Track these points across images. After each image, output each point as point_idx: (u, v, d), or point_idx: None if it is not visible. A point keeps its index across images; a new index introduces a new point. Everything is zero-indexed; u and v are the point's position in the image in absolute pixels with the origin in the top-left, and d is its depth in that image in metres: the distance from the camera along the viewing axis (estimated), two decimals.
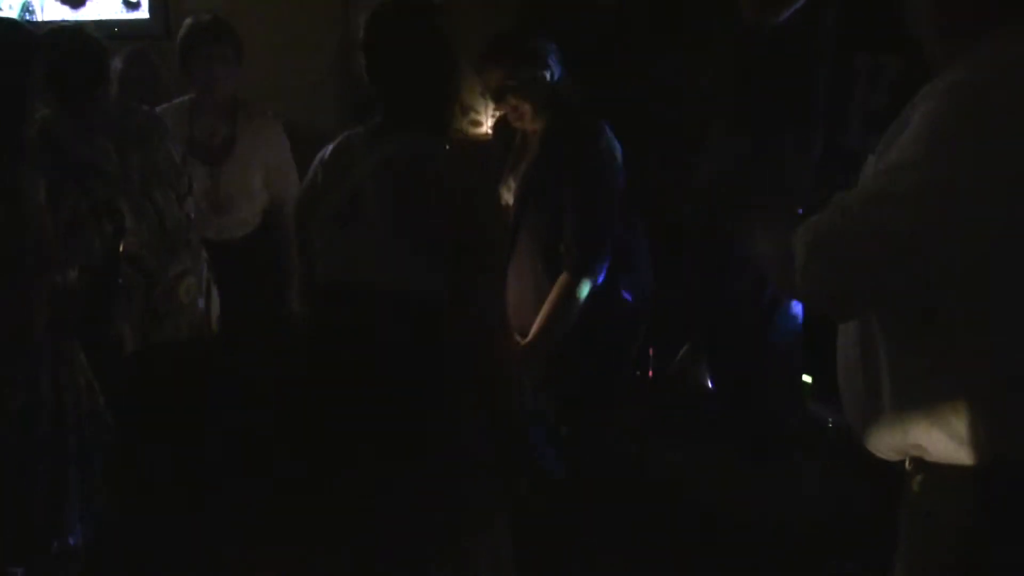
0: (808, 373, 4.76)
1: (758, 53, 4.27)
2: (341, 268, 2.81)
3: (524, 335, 3.59)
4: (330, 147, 2.93)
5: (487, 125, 5.76)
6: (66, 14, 5.40)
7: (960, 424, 1.99)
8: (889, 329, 2.06)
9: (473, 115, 5.87)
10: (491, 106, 5.69)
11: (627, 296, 3.73)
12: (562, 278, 3.53)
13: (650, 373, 5.53)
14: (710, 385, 5.03)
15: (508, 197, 3.76)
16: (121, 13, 5.51)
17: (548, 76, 3.60)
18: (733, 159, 4.35)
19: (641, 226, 3.86)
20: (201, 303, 3.87)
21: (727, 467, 4.59)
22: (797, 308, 4.59)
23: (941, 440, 2.02)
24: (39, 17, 5.39)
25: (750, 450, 4.65)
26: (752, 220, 2.49)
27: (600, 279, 3.58)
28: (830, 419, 4.70)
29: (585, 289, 3.52)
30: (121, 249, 3.58)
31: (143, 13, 5.53)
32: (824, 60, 4.37)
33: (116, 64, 3.98)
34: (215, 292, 3.95)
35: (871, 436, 2.18)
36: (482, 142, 5.52)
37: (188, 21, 4.42)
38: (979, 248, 1.89)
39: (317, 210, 2.85)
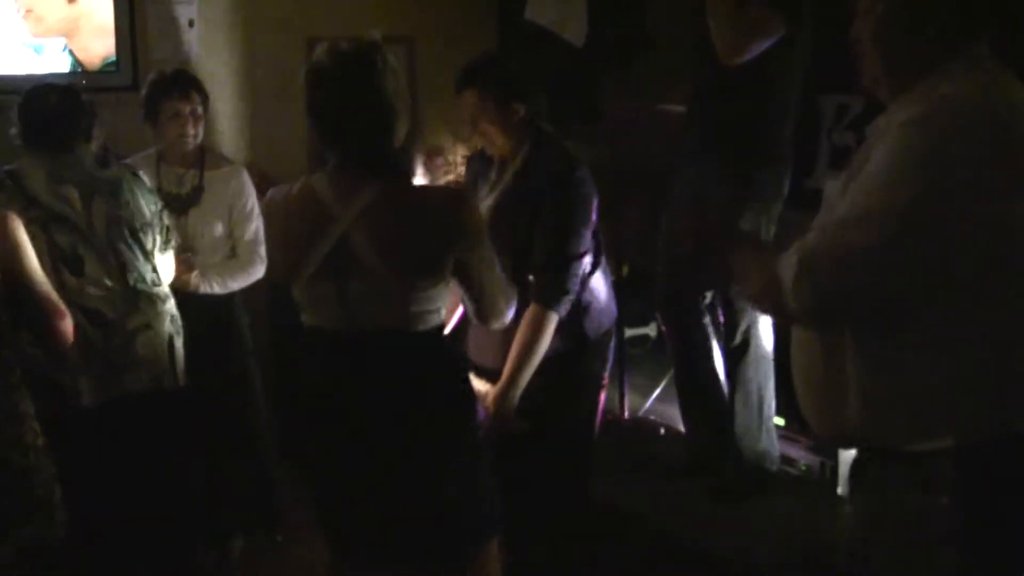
0: (779, 415, 4.77)
1: (726, 91, 4.31)
2: (337, 318, 2.86)
3: (488, 369, 3.57)
4: (282, 196, 2.95)
5: (457, 171, 5.76)
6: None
7: (928, 413, 2.25)
8: (859, 332, 2.29)
9: (439, 160, 5.88)
10: (460, 150, 5.71)
11: (588, 332, 3.70)
12: (530, 311, 3.48)
13: (625, 414, 5.54)
14: (682, 426, 5.03)
15: None
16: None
17: (521, 103, 3.57)
18: (700, 196, 4.39)
19: (607, 261, 3.84)
20: (164, 357, 3.82)
21: (699, 507, 4.58)
22: (767, 348, 4.61)
23: (907, 428, 2.29)
24: None
25: (722, 490, 4.65)
26: (734, 251, 2.58)
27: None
28: (803, 461, 4.70)
29: (553, 322, 3.49)
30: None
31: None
32: (790, 99, 4.42)
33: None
34: (178, 345, 3.89)
35: (834, 429, 2.43)
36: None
37: (153, 74, 4.41)
38: (942, 257, 2.17)
39: (298, 264, 2.86)
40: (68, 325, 3.14)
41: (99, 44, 5.48)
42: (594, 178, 3.57)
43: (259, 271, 4.41)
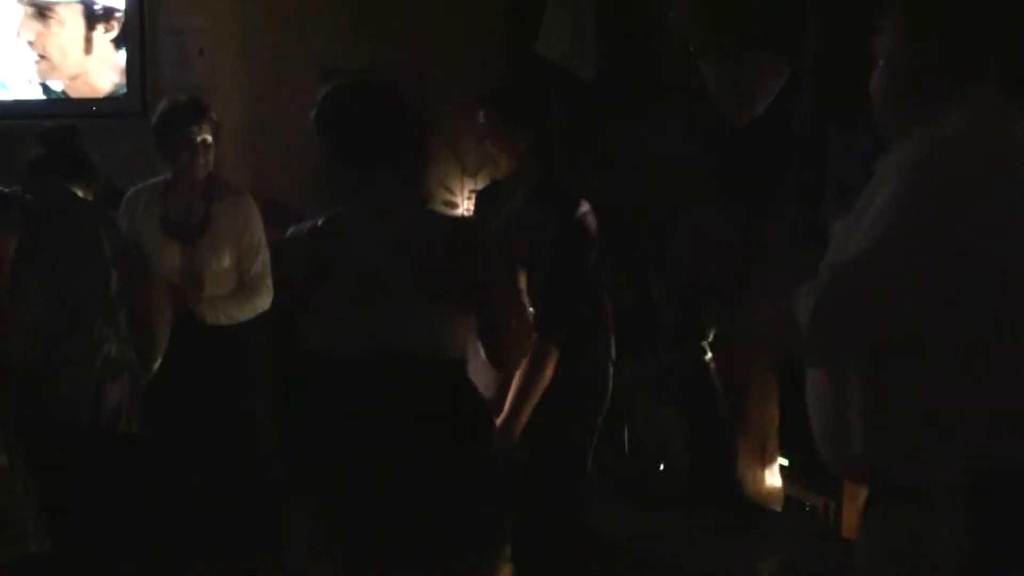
0: (785, 455, 4.74)
1: (729, 130, 4.31)
2: (363, 343, 2.86)
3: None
4: (307, 228, 2.95)
5: (463, 207, 5.76)
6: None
7: (934, 444, 2.27)
8: (865, 363, 2.31)
9: (447, 196, 5.88)
10: (467, 186, 5.72)
11: (589, 362, 3.68)
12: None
13: (626, 447, 5.51)
14: (686, 461, 5.01)
15: None
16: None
17: (527, 130, 3.57)
18: (708, 233, 4.38)
19: (610, 294, 3.83)
20: (88, 397, 3.78)
21: (701, 542, 4.55)
22: (772, 385, 4.60)
23: (913, 464, 2.30)
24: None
25: (726, 526, 4.63)
26: (752, 288, 2.63)
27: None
28: (807, 500, 4.68)
29: (554, 355, 3.47)
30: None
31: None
32: (799, 140, 4.42)
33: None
34: (112, 388, 3.85)
35: (843, 461, 2.44)
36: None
37: (164, 102, 4.39)
38: (948, 294, 2.20)
39: (325, 291, 2.86)
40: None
41: (105, 81, 5.53)
42: (598, 213, 3.57)
43: (266, 303, 4.39)
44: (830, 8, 4.47)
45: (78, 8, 5.51)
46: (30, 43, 5.44)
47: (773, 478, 4.70)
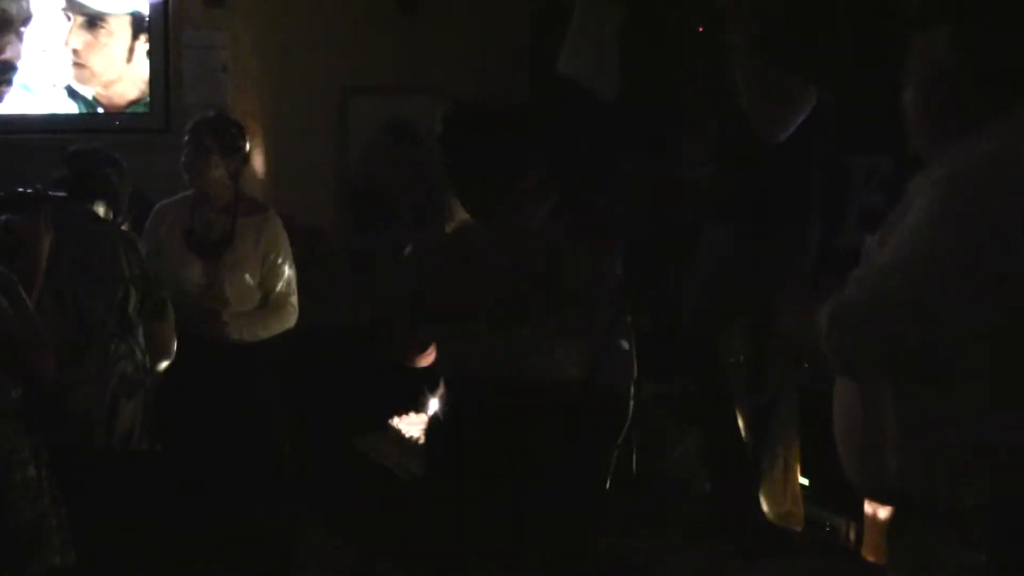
0: (805, 476, 4.72)
1: (752, 153, 4.30)
2: (493, 363, 2.90)
3: None
4: (435, 246, 3.10)
5: None
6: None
7: (968, 467, 2.24)
8: (900, 384, 2.29)
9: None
10: None
11: (608, 385, 3.68)
12: None
13: (646, 470, 5.48)
14: (707, 483, 4.98)
15: None
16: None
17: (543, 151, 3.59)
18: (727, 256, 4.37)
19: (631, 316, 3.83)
20: (103, 415, 3.79)
21: (722, 566, 4.53)
22: (794, 406, 4.58)
23: (944, 486, 2.28)
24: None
25: (746, 549, 4.60)
26: (778, 301, 2.64)
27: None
28: (828, 521, 4.66)
29: None
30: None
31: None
32: (816, 160, 4.41)
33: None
34: (126, 407, 3.85)
35: (873, 483, 2.43)
36: None
37: (195, 118, 4.41)
38: (978, 310, 2.18)
39: (462, 312, 2.91)
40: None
41: (132, 89, 5.56)
42: (618, 231, 3.58)
43: (291, 320, 4.40)
44: (857, 32, 4.48)
45: (127, 19, 5.55)
46: (75, 51, 5.47)
47: (794, 499, 4.68)
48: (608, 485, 3.81)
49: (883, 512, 4.15)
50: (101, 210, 3.94)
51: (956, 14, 2.36)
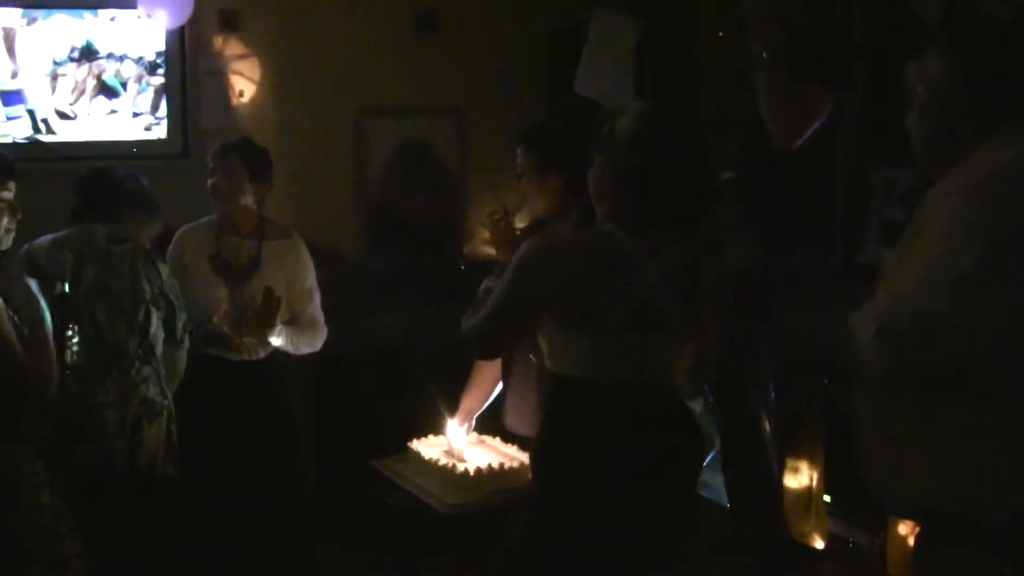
0: (828, 492, 4.70)
1: (772, 164, 4.28)
2: (627, 371, 2.90)
3: (523, 437, 3.53)
4: (561, 243, 3.03)
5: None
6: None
7: (996, 480, 2.27)
8: (929, 397, 2.31)
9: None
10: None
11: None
12: None
13: None
14: (727, 499, 4.95)
15: None
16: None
17: (557, 173, 3.57)
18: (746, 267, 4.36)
19: None
20: (121, 438, 3.79)
21: None
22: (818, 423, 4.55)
23: (971, 501, 2.29)
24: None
25: (770, 566, 4.57)
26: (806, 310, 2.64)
27: None
28: (852, 538, 4.63)
29: None
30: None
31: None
32: (835, 169, 4.40)
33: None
34: (149, 429, 3.86)
35: (898, 495, 2.45)
36: None
37: (220, 143, 4.39)
38: (1010, 318, 2.21)
39: (595, 313, 2.88)
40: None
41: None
42: None
43: (320, 341, 4.40)
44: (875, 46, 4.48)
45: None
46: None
47: (819, 516, 4.66)
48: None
49: (906, 528, 4.13)
50: (122, 231, 3.96)
51: (953, 38, 2.41)
